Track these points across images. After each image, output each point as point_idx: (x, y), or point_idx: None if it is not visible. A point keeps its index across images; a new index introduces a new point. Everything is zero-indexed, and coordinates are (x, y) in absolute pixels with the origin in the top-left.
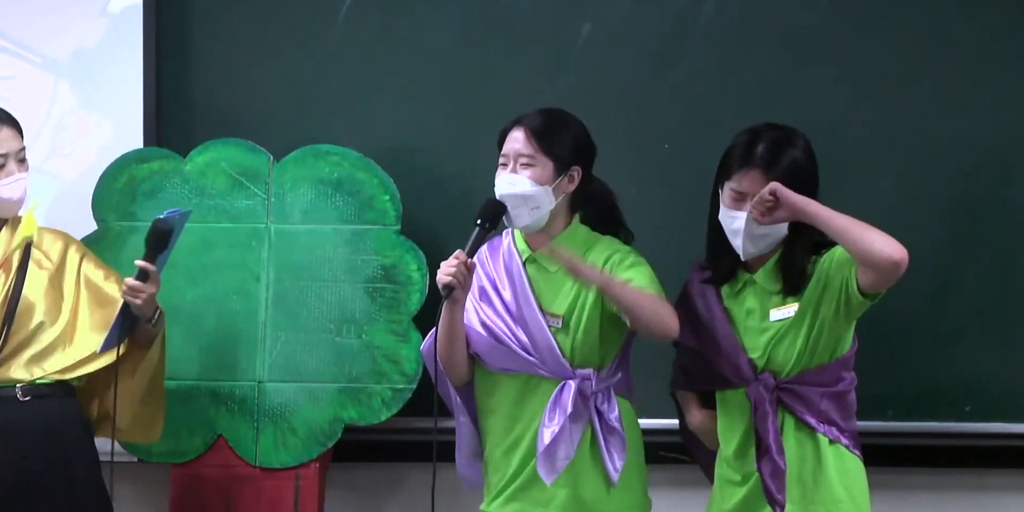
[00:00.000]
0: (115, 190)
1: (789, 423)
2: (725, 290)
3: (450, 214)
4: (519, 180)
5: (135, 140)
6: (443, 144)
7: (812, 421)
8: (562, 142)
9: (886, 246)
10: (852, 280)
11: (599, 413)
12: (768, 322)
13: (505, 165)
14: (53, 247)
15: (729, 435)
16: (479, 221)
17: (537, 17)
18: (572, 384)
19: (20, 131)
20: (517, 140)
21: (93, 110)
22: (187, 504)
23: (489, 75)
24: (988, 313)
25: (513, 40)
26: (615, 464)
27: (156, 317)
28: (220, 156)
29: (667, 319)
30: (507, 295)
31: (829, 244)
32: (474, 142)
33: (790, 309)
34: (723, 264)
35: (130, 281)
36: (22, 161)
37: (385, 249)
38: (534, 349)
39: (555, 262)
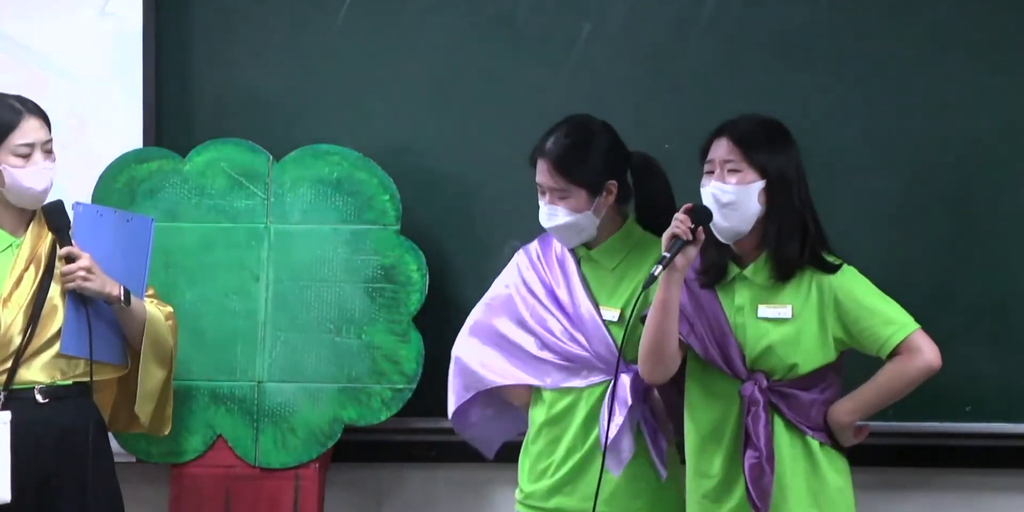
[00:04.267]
0: (114, 190)
1: (779, 425)
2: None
3: (450, 214)
4: (558, 212)
5: (134, 140)
6: (443, 144)
7: (802, 425)
8: (588, 168)
9: (927, 375)
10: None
11: (645, 406)
12: (757, 319)
13: (543, 194)
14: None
15: (711, 445)
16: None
17: (537, 16)
18: (626, 378)
19: (47, 122)
20: (545, 172)
21: (92, 110)
22: (186, 504)
23: (489, 75)
24: (987, 313)
25: (513, 40)
26: (663, 457)
27: (124, 296)
28: (220, 156)
29: None
30: (562, 294)
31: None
32: (474, 142)
33: (783, 310)
34: (713, 260)
35: (63, 269)
36: (49, 152)
37: (385, 249)
38: (589, 345)
39: (613, 260)
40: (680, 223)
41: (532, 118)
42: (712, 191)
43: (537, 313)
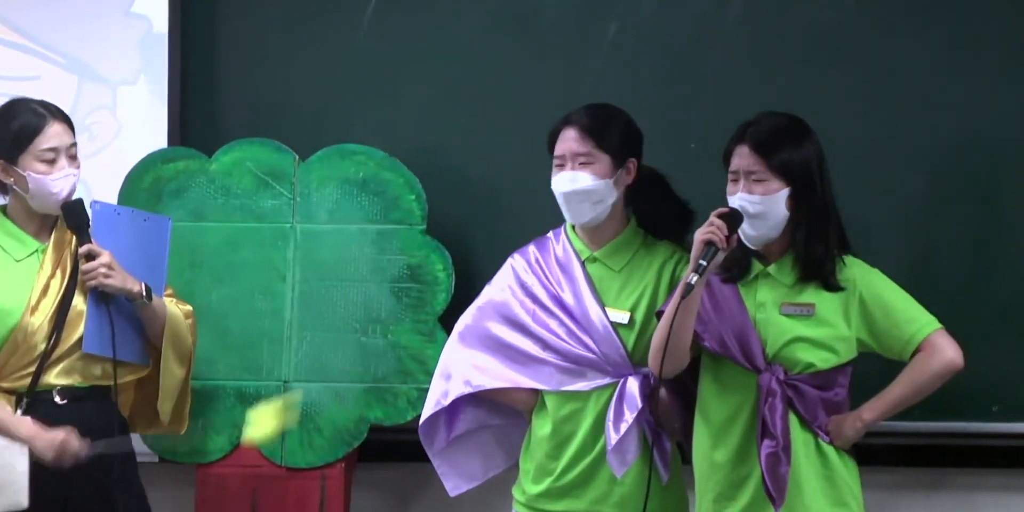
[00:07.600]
0: (141, 190)
1: (794, 421)
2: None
3: (476, 214)
4: (580, 176)
5: (160, 140)
6: (469, 144)
7: (812, 424)
8: (614, 135)
9: (949, 373)
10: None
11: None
12: (779, 316)
13: (562, 166)
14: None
15: (723, 440)
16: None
17: (563, 17)
18: (634, 380)
19: (71, 127)
20: (571, 139)
21: (118, 110)
22: (212, 504)
23: (515, 75)
24: (1013, 312)
25: (539, 40)
26: (665, 460)
27: (145, 293)
28: (246, 156)
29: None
30: (568, 298)
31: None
32: (500, 142)
33: (807, 308)
34: (737, 257)
35: (82, 267)
36: (73, 157)
37: (411, 249)
38: (596, 347)
39: (619, 261)
40: (716, 230)
41: (558, 118)
42: (739, 202)
43: (539, 316)
